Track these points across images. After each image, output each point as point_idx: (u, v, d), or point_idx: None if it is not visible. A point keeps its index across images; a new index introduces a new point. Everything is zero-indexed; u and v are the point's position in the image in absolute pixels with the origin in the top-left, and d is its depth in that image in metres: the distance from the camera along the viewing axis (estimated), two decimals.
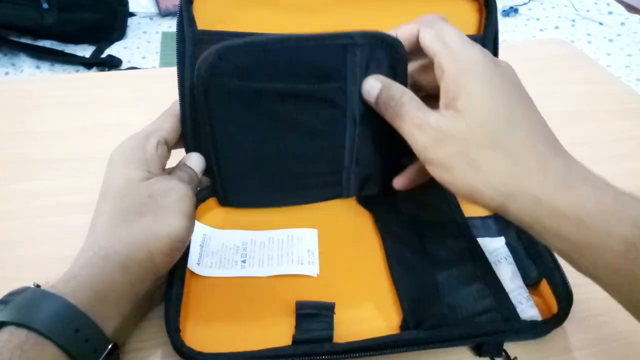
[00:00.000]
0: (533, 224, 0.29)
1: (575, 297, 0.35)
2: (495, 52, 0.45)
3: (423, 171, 0.37)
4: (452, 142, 0.30)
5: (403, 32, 0.36)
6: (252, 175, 0.40)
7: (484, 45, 0.45)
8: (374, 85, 0.36)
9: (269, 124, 0.38)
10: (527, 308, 0.36)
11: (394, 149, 0.39)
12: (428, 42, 0.34)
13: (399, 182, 0.40)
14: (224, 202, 0.42)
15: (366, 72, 0.36)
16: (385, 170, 0.42)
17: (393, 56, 0.36)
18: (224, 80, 0.35)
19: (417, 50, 0.36)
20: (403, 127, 0.33)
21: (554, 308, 0.36)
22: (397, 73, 0.37)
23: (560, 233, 0.28)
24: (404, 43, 0.36)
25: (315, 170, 0.41)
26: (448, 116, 0.31)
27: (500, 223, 0.43)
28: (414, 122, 0.32)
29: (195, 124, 0.41)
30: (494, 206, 0.30)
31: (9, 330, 0.26)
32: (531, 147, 0.30)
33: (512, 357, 0.34)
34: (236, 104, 0.36)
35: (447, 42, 0.33)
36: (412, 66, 0.38)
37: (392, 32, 0.37)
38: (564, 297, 0.35)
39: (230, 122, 0.37)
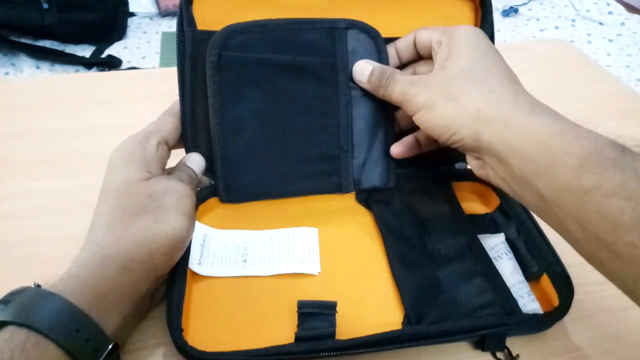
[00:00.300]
0: (500, 146, 0.32)
1: (576, 297, 0.35)
2: None
3: (420, 140, 0.43)
4: (436, 84, 0.36)
5: (400, 43, 0.42)
6: (253, 160, 0.42)
7: None
8: (365, 66, 0.40)
9: (270, 100, 0.41)
10: (529, 302, 0.36)
11: (389, 136, 0.43)
12: (426, 32, 0.40)
13: (396, 149, 0.43)
14: (226, 196, 0.42)
15: (353, 54, 0.41)
16: (383, 159, 0.43)
17: (376, 42, 0.42)
18: (231, 54, 0.39)
19: (414, 56, 0.42)
20: (395, 89, 0.38)
21: (555, 301, 0.36)
22: (382, 57, 0.42)
23: (525, 154, 0.31)
24: (401, 54, 0.42)
25: (314, 154, 0.42)
26: (436, 71, 0.37)
27: (500, 220, 0.43)
28: (407, 80, 0.37)
29: (196, 121, 0.41)
30: (467, 134, 0.34)
31: (10, 330, 0.26)
32: (504, 83, 0.34)
33: (514, 355, 0.34)
34: (242, 76, 0.40)
35: (440, 27, 0.39)
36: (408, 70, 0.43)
37: (391, 48, 0.43)
38: (565, 290, 0.35)
39: (237, 98, 0.40)
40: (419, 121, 0.36)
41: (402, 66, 0.43)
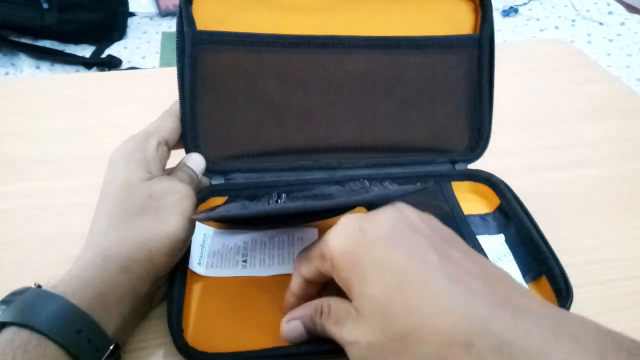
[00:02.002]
0: None
1: (576, 297, 0.35)
2: (491, 52, 0.45)
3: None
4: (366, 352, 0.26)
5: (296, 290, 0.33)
6: None
7: (480, 45, 0.45)
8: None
9: None
10: None
11: None
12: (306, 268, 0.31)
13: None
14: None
15: None
16: None
17: None
18: None
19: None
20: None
21: (554, 303, 0.36)
22: None
23: None
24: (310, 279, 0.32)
25: None
26: (357, 320, 0.27)
27: (500, 220, 0.43)
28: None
29: (196, 122, 0.41)
30: None
31: (11, 330, 0.26)
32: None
33: None
34: None
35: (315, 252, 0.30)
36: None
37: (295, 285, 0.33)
38: (564, 293, 0.35)
39: None
40: None
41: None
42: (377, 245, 0.27)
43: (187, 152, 0.41)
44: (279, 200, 0.41)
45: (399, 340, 0.24)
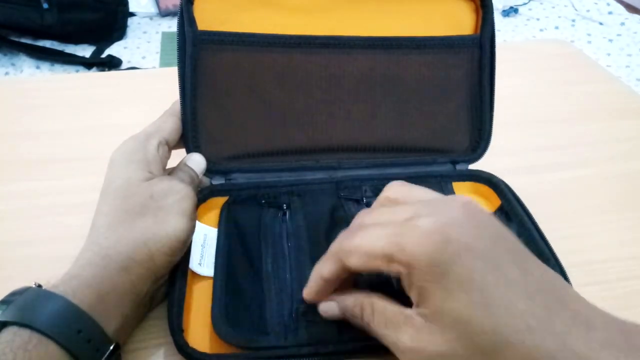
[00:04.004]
0: None
1: None
2: (492, 52, 0.45)
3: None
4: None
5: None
6: None
7: (480, 45, 0.45)
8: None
9: None
10: None
11: None
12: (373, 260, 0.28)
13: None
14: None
15: None
16: None
17: None
18: None
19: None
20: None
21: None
22: None
23: None
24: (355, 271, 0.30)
25: None
26: (422, 330, 0.26)
27: (501, 220, 0.43)
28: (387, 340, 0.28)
29: (197, 122, 0.41)
30: None
31: (11, 330, 0.26)
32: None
33: None
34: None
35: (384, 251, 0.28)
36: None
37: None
38: None
39: None
40: None
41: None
42: (463, 259, 0.25)
43: (188, 152, 0.41)
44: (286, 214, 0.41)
45: (481, 355, 0.25)
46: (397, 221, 0.28)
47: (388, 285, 0.31)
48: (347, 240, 0.30)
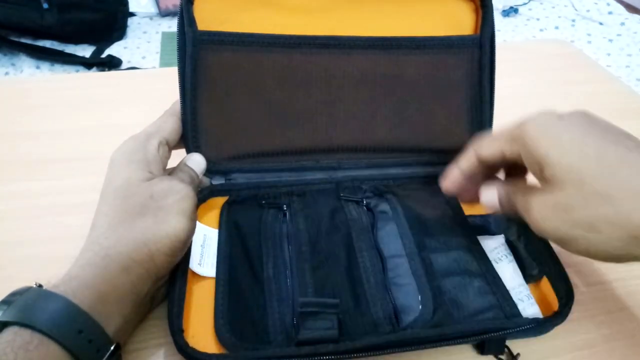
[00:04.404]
0: None
1: (576, 297, 0.35)
2: (492, 52, 0.45)
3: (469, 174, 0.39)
4: (560, 215, 0.30)
5: (463, 164, 0.39)
6: None
7: (480, 45, 0.45)
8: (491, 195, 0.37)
9: None
10: (528, 306, 0.36)
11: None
12: (489, 145, 0.37)
13: (445, 185, 0.40)
14: None
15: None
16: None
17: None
18: None
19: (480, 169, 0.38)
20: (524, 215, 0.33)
21: (555, 305, 0.36)
22: None
23: None
24: (466, 172, 0.39)
25: None
26: (546, 190, 0.32)
27: (500, 221, 0.43)
28: (523, 206, 0.33)
29: (197, 122, 0.41)
30: (625, 258, 0.30)
31: (12, 330, 0.26)
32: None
33: (514, 354, 0.34)
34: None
35: (504, 133, 0.36)
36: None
37: (454, 170, 0.39)
38: (565, 295, 0.35)
39: None
40: (568, 249, 0.32)
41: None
42: (576, 126, 0.32)
43: (188, 152, 0.41)
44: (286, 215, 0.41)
45: (593, 198, 0.29)
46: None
47: None
48: (479, 138, 0.38)
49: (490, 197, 0.37)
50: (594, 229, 0.29)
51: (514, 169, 0.38)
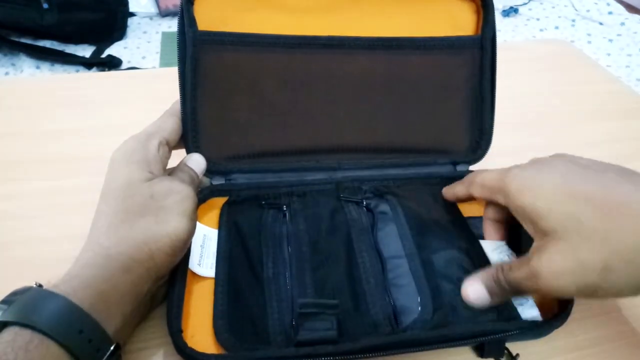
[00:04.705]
0: None
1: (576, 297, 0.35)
2: (493, 52, 0.45)
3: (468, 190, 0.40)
4: (570, 266, 0.29)
5: (458, 190, 0.41)
6: None
7: (481, 46, 0.45)
8: (478, 292, 0.34)
9: None
10: (528, 308, 0.36)
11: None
12: (481, 187, 0.38)
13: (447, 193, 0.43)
14: None
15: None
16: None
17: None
18: None
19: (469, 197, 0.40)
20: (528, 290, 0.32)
21: (555, 307, 0.36)
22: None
23: None
24: (459, 196, 0.41)
25: None
26: (547, 245, 0.31)
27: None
28: (530, 281, 0.31)
29: (197, 122, 0.41)
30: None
31: (13, 330, 0.26)
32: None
33: (514, 355, 0.34)
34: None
35: (495, 175, 0.36)
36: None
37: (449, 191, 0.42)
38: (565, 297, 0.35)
39: None
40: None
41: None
42: (555, 172, 0.32)
43: (188, 152, 0.41)
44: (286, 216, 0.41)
45: (596, 235, 0.28)
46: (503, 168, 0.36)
47: None
48: (472, 175, 0.39)
49: (477, 293, 0.34)
50: (609, 269, 0.28)
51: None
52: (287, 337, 0.33)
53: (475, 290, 0.34)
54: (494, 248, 0.40)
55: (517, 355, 0.34)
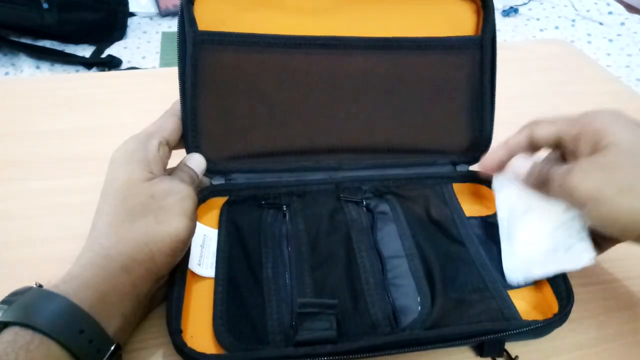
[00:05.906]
0: None
1: (576, 297, 0.35)
2: (493, 53, 0.45)
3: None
4: (598, 174, 0.32)
5: (512, 142, 0.40)
6: None
7: (481, 46, 0.45)
8: (523, 165, 0.38)
9: None
10: (580, 251, 0.36)
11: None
12: (547, 126, 0.38)
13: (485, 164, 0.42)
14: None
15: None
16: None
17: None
18: None
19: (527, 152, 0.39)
20: (551, 187, 0.35)
21: (555, 307, 0.36)
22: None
23: None
24: (515, 151, 0.39)
25: None
26: (596, 154, 0.33)
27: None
28: (561, 173, 0.34)
29: (197, 122, 0.41)
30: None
31: (13, 330, 0.26)
32: None
33: (513, 356, 0.34)
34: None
35: (564, 119, 0.38)
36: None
37: (501, 149, 0.40)
38: (565, 297, 0.35)
39: None
40: (590, 219, 0.34)
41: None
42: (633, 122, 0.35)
43: (188, 152, 0.41)
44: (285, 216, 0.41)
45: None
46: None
47: None
48: (536, 119, 0.39)
49: (522, 163, 0.38)
50: (633, 191, 0.31)
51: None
52: (286, 337, 0.33)
53: (521, 161, 0.38)
54: (562, 222, 0.37)
55: (517, 357, 0.34)
